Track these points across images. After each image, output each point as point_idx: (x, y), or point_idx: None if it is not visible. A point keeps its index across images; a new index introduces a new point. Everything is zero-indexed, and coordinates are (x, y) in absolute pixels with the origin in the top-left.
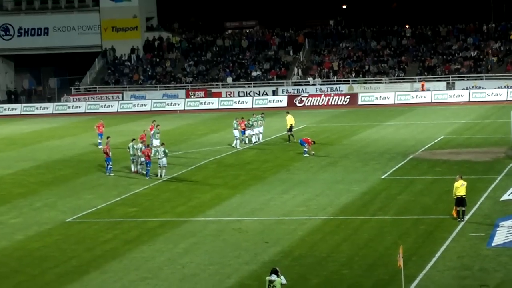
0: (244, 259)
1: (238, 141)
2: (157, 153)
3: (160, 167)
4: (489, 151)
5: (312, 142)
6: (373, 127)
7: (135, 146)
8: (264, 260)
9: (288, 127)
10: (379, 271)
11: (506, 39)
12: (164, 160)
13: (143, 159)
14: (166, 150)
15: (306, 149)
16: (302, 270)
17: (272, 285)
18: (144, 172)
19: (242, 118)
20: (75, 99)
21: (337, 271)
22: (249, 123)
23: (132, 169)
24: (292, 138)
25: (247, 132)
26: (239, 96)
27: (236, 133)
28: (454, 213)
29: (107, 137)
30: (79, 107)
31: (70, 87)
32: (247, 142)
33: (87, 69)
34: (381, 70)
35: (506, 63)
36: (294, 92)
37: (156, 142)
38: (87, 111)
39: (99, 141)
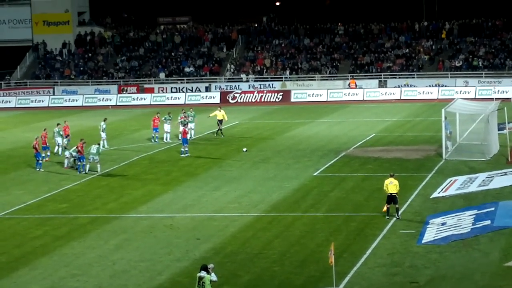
0: (176, 256)
1: (168, 135)
2: (89, 149)
3: (90, 162)
4: (420, 148)
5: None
6: (306, 124)
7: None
8: (195, 257)
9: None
10: (311, 268)
11: (438, 38)
12: (96, 156)
13: (75, 153)
14: (100, 146)
15: (186, 149)
16: (233, 267)
17: (201, 282)
18: (76, 168)
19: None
20: (5, 94)
21: (268, 268)
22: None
23: (65, 165)
24: (220, 133)
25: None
26: (171, 92)
27: (167, 127)
28: (384, 209)
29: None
30: (9, 102)
31: (0, 82)
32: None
33: (18, 63)
34: (314, 67)
35: (437, 62)
36: (227, 89)
37: (103, 135)
38: (17, 106)
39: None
